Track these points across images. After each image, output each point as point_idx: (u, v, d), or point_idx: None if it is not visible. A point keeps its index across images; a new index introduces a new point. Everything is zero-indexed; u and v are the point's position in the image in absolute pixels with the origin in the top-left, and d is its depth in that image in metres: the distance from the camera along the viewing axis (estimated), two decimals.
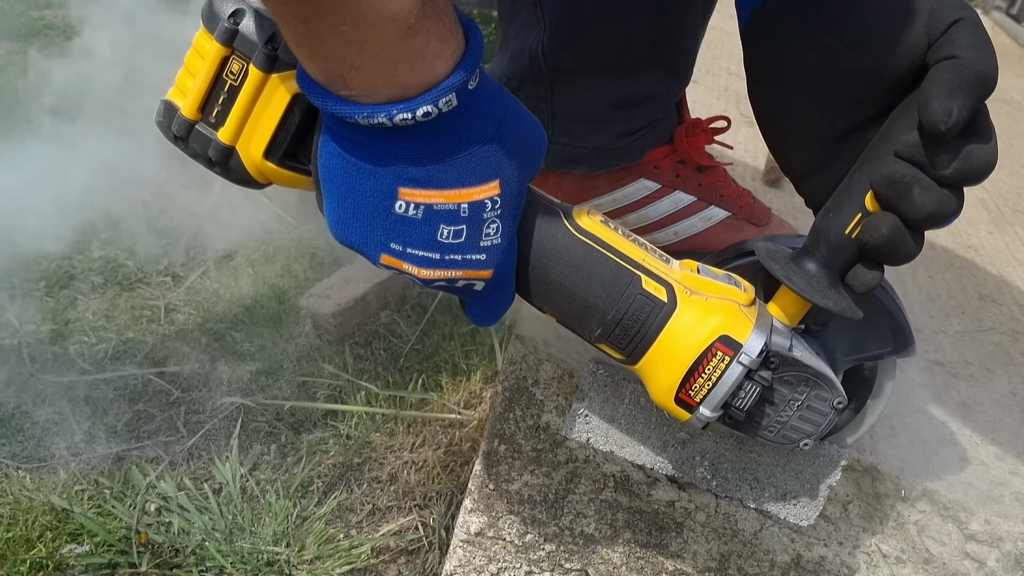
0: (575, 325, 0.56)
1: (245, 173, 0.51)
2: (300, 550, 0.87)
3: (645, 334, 0.54)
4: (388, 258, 0.49)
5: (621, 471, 0.74)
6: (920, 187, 0.48)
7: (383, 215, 0.48)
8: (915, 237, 0.50)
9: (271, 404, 1.06)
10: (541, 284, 0.54)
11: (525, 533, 0.78)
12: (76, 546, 0.83)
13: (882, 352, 0.60)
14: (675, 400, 0.54)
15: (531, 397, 0.74)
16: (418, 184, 0.47)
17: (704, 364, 0.53)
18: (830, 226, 0.53)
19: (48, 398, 1.01)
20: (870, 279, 0.52)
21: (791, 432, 0.56)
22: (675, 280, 0.54)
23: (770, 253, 0.55)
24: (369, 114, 0.44)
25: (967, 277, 1.10)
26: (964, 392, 0.83)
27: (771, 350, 0.53)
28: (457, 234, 0.49)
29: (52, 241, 1.27)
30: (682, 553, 0.75)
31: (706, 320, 0.53)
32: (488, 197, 0.49)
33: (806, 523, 0.65)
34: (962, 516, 0.68)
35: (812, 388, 0.55)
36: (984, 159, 0.48)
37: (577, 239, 0.54)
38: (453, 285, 0.51)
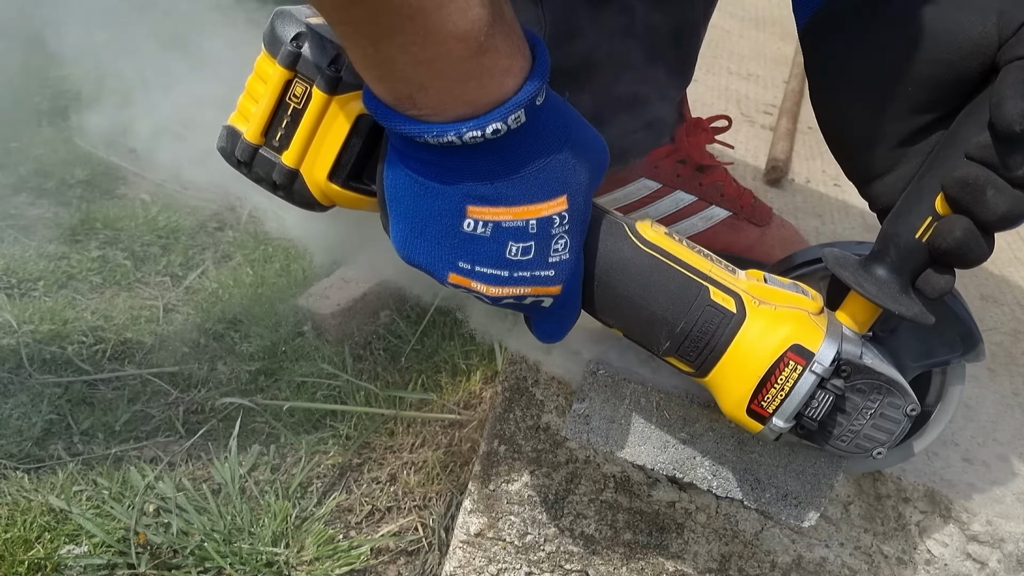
0: (643, 339, 0.55)
1: (309, 196, 0.51)
2: (299, 551, 0.87)
3: (715, 346, 0.53)
4: (456, 277, 0.49)
5: (621, 472, 0.74)
6: (994, 189, 0.47)
7: (451, 234, 0.47)
8: (988, 239, 0.49)
9: (270, 404, 1.06)
10: (607, 298, 0.54)
11: (525, 534, 0.78)
12: (74, 547, 0.83)
13: (951, 356, 0.59)
14: (747, 412, 0.53)
15: (531, 397, 0.74)
16: (487, 202, 0.47)
17: (776, 374, 0.52)
18: (900, 231, 0.52)
19: (46, 398, 1.01)
20: (943, 284, 0.51)
21: (864, 441, 0.55)
22: (743, 290, 0.54)
23: (838, 260, 0.54)
24: (439, 133, 0.43)
25: (968, 277, 1.10)
26: (966, 392, 0.83)
27: (843, 358, 0.52)
28: (526, 251, 0.48)
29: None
30: (683, 554, 0.75)
31: (776, 330, 0.52)
32: (556, 213, 0.48)
33: (807, 524, 0.65)
34: (964, 517, 0.68)
35: (885, 396, 0.54)
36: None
37: (643, 251, 0.54)
38: (521, 302, 0.51)
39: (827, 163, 1.40)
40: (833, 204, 1.24)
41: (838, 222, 1.17)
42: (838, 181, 1.33)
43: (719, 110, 1.27)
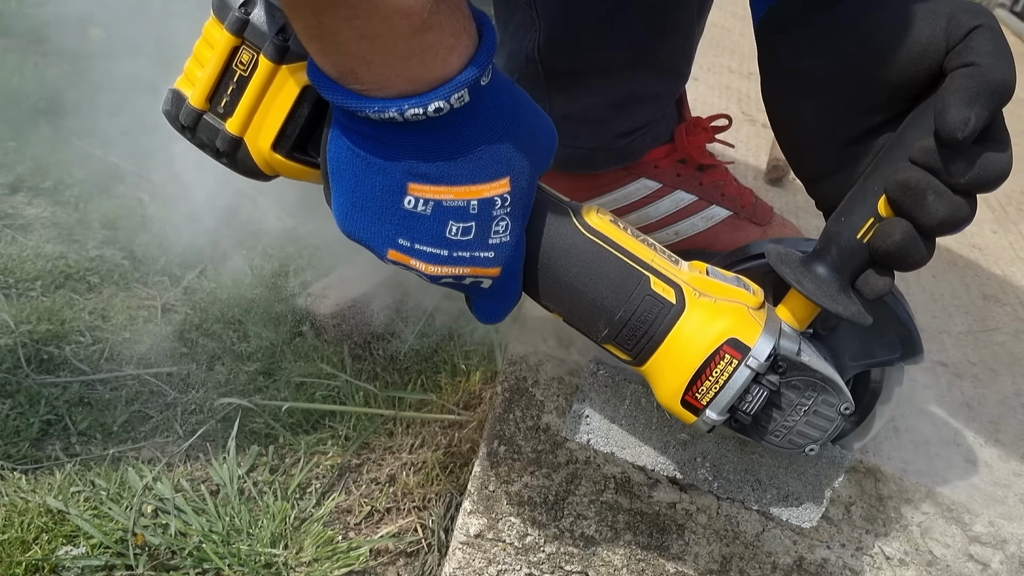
0: (582, 325, 0.56)
1: (252, 165, 0.51)
2: (298, 552, 0.87)
3: (653, 335, 0.54)
4: (396, 254, 0.49)
5: (622, 472, 0.74)
6: (935, 194, 0.48)
7: (392, 210, 0.48)
8: (927, 244, 0.50)
9: (269, 405, 1.06)
10: (549, 283, 0.54)
11: (525, 535, 0.78)
12: (72, 548, 0.83)
13: (890, 359, 0.60)
14: (681, 403, 0.54)
15: (531, 398, 0.74)
16: (428, 180, 0.47)
17: (712, 367, 0.52)
18: (842, 230, 0.52)
19: (44, 399, 1.01)
20: (881, 285, 0.52)
21: (797, 437, 0.56)
22: (684, 281, 0.54)
23: (780, 256, 0.55)
24: (380, 109, 0.44)
25: (971, 277, 1.10)
26: (968, 392, 0.83)
27: (779, 354, 0.53)
28: (466, 231, 0.49)
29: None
30: (683, 555, 0.75)
31: (714, 322, 0.53)
32: (498, 194, 0.49)
33: (808, 525, 0.65)
34: (966, 518, 0.68)
35: (820, 393, 0.55)
36: (999, 167, 0.48)
37: (586, 238, 0.54)
38: (460, 282, 0.51)
39: None
40: None
41: None
42: None
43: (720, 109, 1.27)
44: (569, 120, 0.82)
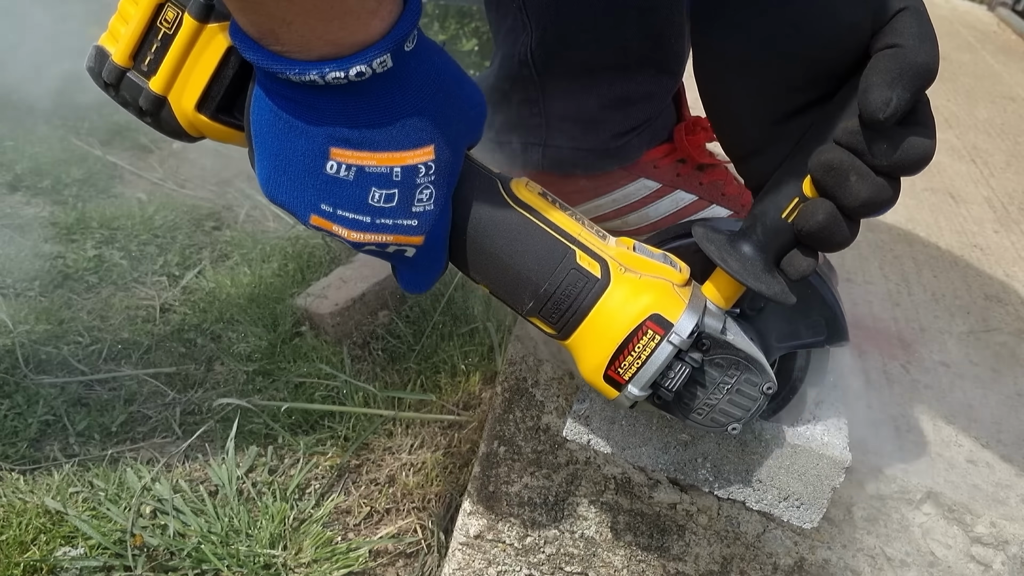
0: (508, 298, 0.56)
1: (176, 125, 0.51)
2: (297, 553, 0.87)
3: (577, 309, 0.54)
4: (318, 219, 0.49)
5: (622, 473, 0.74)
6: (857, 175, 0.48)
7: (314, 175, 0.48)
8: (851, 224, 0.50)
9: (268, 405, 1.06)
10: (474, 254, 0.54)
11: (525, 536, 0.78)
12: (70, 549, 0.83)
13: (816, 341, 0.60)
14: (604, 377, 0.54)
15: (531, 398, 0.74)
16: (350, 145, 0.47)
17: (634, 342, 0.53)
18: (767, 210, 0.53)
19: (42, 399, 1.01)
20: (804, 266, 0.52)
21: (720, 416, 0.57)
22: (610, 257, 0.55)
23: (707, 234, 0.55)
24: (300, 71, 0.44)
25: (972, 277, 1.10)
26: (969, 393, 0.83)
27: (703, 332, 0.54)
28: (389, 198, 0.49)
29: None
30: (684, 556, 0.75)
31: (638, 298, 0.53)
32: (422, 162, 0.48)
33: (809, 526, 0.65)
34: (967, 519, 0.68)
35: (743, 372, 0.55)
36: (922, 149, 0.48)
37: (513, 210, 0.54)
38: (384, 250, 0.51)
39: None
40: None
41: None
42: None
43: None
44: (564, 122, 0.82)
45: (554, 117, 0.83)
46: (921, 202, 1.33)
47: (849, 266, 1.04)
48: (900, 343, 0.89)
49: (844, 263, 1.04)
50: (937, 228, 1.24)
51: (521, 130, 0.84)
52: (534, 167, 0.85)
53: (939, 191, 1.39)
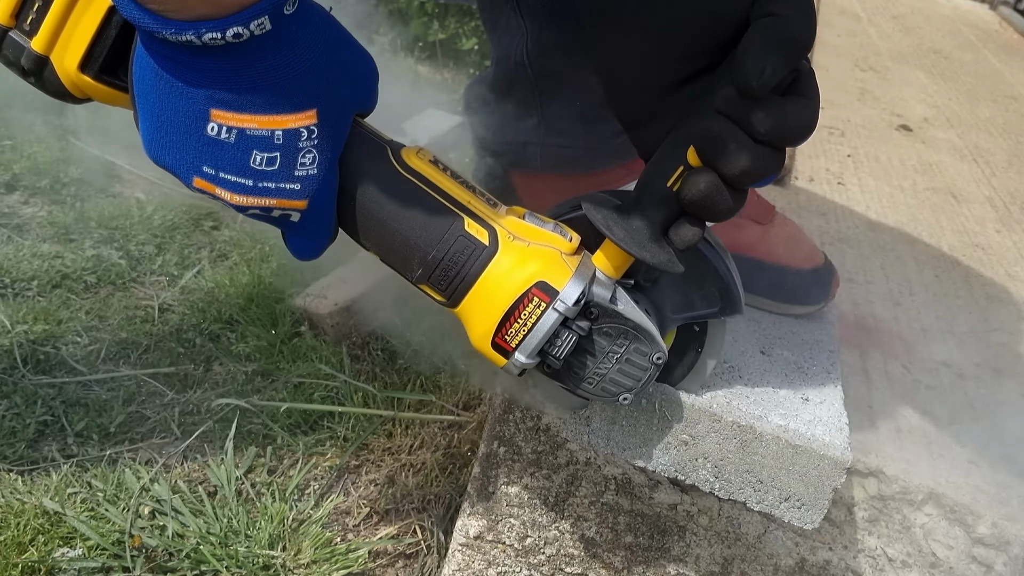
0: (397, 264, 0.56)
1: (60, 85, 0.51)
2: (296, 554, 0.87)
3: (465, 276, 0.54)
4: (201, 181, 0.49)
5: (622, 473, 0.74)
6: (736, 144, 0.48)
7: (195, 136, 0.48)
8: (734, 194, 0.50)
9: (267, 406, 1.06)
10: (363, 220, 0.55)
11: (525, 536, 0.78)
12: (68, 550, 0.83)
13: (711, 312, 0.61)
14: (492, 345, 0.55)
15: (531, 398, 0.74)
16: (230, 107, 0.47)
17: (520, 309, 0.53)
18: (652, 179, 0.53)
19: (40, 399, 1.01)
20: (690, 235, 0.53)
21: (610, 385, 0.57)
22: (499, 224, 0.55)
23: (595, 203, 0.56)
24: (177, 31, 0.43)
25: (974, 277, 1.10)
26: (971, 393, 0.83)
27: (590, 300, 0.54)
28: (271, 161, 0.49)
29: None
30: (684, 557, 0.75)
31: (525, 266, 0.53)
32: (304, 126, 0.49)
33: (810, 526, 0.65)
34: (969, 519, 0.68)
35: (632, 342, 0.55)
36: (802, 119, 0.48)
37: (401, 176, 0.54)
38: (268, 215, 0.52)
39: (831, 161, 1.40)
40: (836, 203, 1.24)
41: (841, 221, 1.17)
42: (842, 180, 1.33)
43: None
44: (562, 121, 0.82)
45: (552, 116, 0.83)
46: (923, 202, 1.33)
47: (851, 266, 1.04)
48: (902, 343, 0.89)
49: (846, 263, 1.04)
50: (939, 228, 1.24)
51: (518, 131, 0.84)
52: (533, 167, 0.85)
53: (941, 191, 1.39)
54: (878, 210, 1.25)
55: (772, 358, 0.73)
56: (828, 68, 1.95)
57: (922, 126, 1.72)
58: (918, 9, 3.02)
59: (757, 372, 0.70)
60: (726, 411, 0.63)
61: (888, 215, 1.23)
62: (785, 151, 0.50)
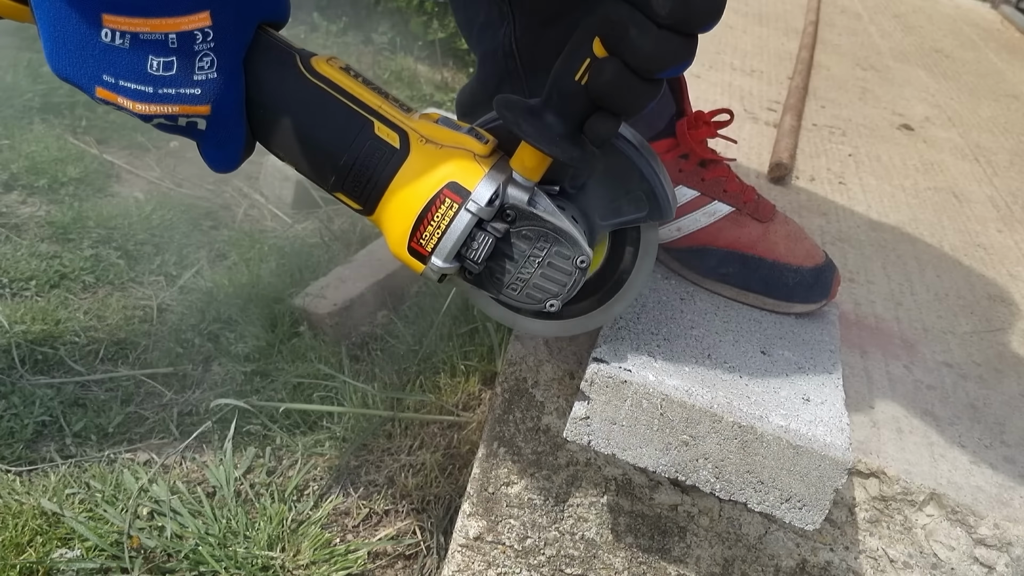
0: (311, 173, 0.56)
1: None
2: (295, 555, 0.87)
3: (377, 181, 0.54)
4: (103, 91, 0.50)
5: (623, 474, 0.74)
6: (637, 28, 0.47)
7: (91, 44, 0.48)
8: (643, 83, 0.49)
9: (266, 406, 1.06)
10: (273, 129, 0.55)
11: (525, 537, 0.78)
12: (67, 551, 0.83)
13: (638, 216, 0.59)
14: (408, 250, 0.54)
15: (531, 399, 0.74)
16: (121, 11, 0.47)
17: (432, 211, 0.53)
18: (562, 74, 0.52)
19: (38, 399, 1.01)
20: (604, 129, 0.51)
21: (535, 291, 0.57)
22: (411, 128, 0.55)
23: (506, 102, 0.54)
24: None
25: (976, 276, 1.10)
26: (973, 393, 0.83)
27: (505, 202, 0.53)
28: (167, 66, 0.49)
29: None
30: (685, 558, 0.75)
31: (437, 168, 0.53)
32: (198, 28, 0.49)
33: (811, 527, 0.65)
34: (971, 520, 0.68)
35: (552, 244, 0.55)
36: (705, 2, 0.47)
37: (310, 83, 0.54)
38: (175, 123, 0.52)
39: (832, 161, 1.40)
40: (837, 202, 1.24)
41: (842, 220, 1.17)
42: (843, 179, 1.33)
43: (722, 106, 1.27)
44: None
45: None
46: (924, 201, 1.33)
47: (852, 265, 1.04)
48: (903, 343, 0.89)
49: (847, 263, 1.04)
50: (940, 227, 1.24)
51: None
52: None
53: (942, 190, 1.39)
54: (879, 209, 1.25)
55: (773, 358, 0.73)
56: (829, 67, 1.95)
57: (924, 125, 1.72)
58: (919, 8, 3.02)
59: (758, 372, 0.70)
60: (727, 411, 0.63)
61: (889, 215, 1.23)
62: (694, 38, 0.48)
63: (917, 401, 0.80)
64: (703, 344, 0.71)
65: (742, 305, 0.79)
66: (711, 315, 0.76)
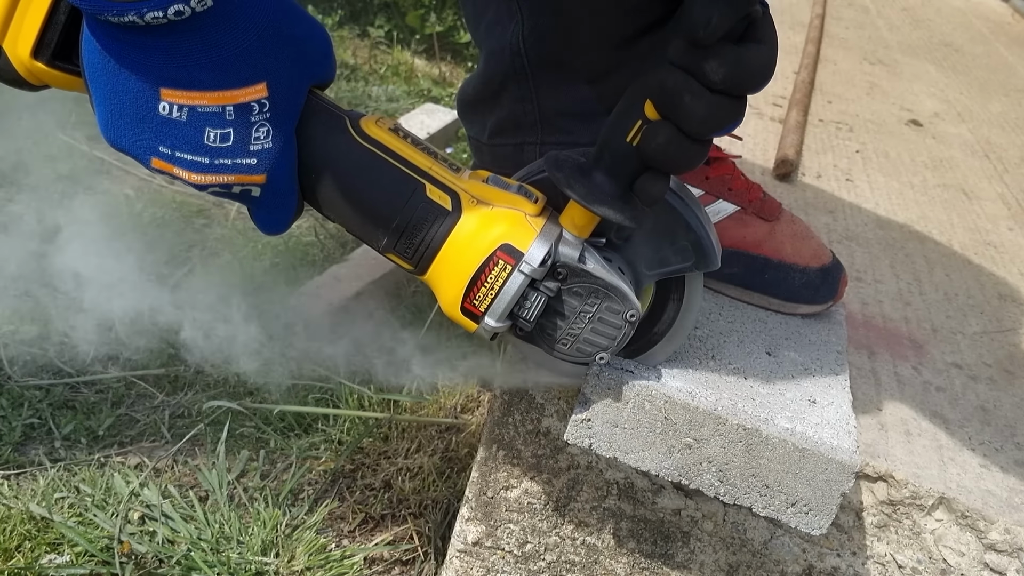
0: (363, 235, 0.57)
1: (15, 73, 0.52)
2: (290, 560, 0.87)
3: (430, 243, 0.56)
4: (159, 162, 0.50)
5: (625, 478, 0.74)
6: (691, 94, 0.49)
7: (148, 117, 0.49)
8: (695, 145, 0.51)
9: (259, 408, 1.06)
10: (326, 192, 0.56)
11: (525, 543, 0.78)
12: (56, 556, 0.83)
13: (684, 266, 0.61)
14: (461, 310, 0.56)
15: (531, 401, 0.74)
16: (179, 85, 0.48)
17: (486, 273, 0.55)
18: (613, 135, 0.54)
19: (27, 401, 1.01)
20: (655, 189, 0.53)
21: (585, 345, 0.58)
22: (462, 189, 0.56)
23: (556, 161, 0.56)
24: (119, 12, 0.44)
25: (986, 275, 1.10)
26: (983, 395, 0.83)
27: (557, 260, 0.55)
28: (224, 137, 0.50)
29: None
30: (689, 564, 0.75)
31: (489, 229, 0.55)
32: (254, 100, 0.50)
33: (818, 532, 0.65)
34: (981, 525, 0.68)
35: (603, 300, 0.56)
36: (757, 65, 0.49)
37: (360, 146, 0.55)
38: (229, 191, 0.53)
39: (839, 157, 1.40)
40: (844, 200, 1.24)
41: (850, 218, 1.17)
42: (850, 176, 1.33)
43: None
44: (560, 117, 0.82)
45: (549, 113, 0.82)
46: (933, 199, 1.33)
47: (859, 264, 1.04)
48: (911, 344, 0.89)
49: (854, 262, 1.04)
50: (950, 225, 1.24)
51: (515, 130, 0.84)
52: None
53: (952, 187, 1.39)
54: (887, 207, 1.25)
55: (778, 359, 0.73)
56: (836, 62, 1.95)
57: (933, 121, 1.73)
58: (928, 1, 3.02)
59: (763, 373, 0.70)
60: (731, 414, 0.63)
61: (898, 212, 1.24)
62: (745, 99, 0.51)
63: (926, 403, 0.80)
64: (707, 345, 0.71)
65: (747, 305, 0.79)
66: (715, 315, 0.76)
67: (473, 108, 0.86)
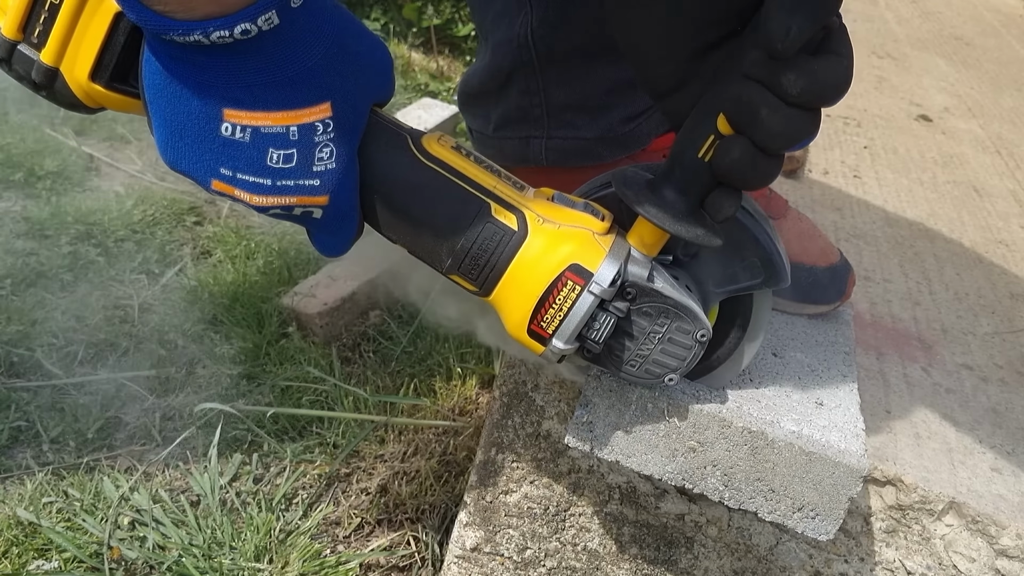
0: (426, 256, 0.57)
1: (72, 97, 0.52)
2: (283, 567, 0.87)
3: (496, 264, 0.55)
4: (220, 184, 0.50)
5: (627, 482, 0.74)
6: (768, 108, 0.49)
7: (210, 138, 0.49)
8: (770, 160, 0.50)
9: (252, 410, 1.06)
10: (387, 213, 0.56)
11: (524, 548, 0.78)
12: (44, 562, 0.83)
13: (753, 283, 0.61)
14: (528, 332, 0.55)
15: (531, 403, 0.74)
16: (243, 105, 0.48)
17: (555, 294, 0.54)
18: (683, 150, 0.53)
19: (14, 404, 1.01)
20: (728, 206, 0.53)
21: (654, 367, 0.58)
22: (528, 208, 0.56)
23: (625, 179, 0.56)
24: (184, 31, 0.44)
25: (997, 275, 1.10)
26: (994, 397, 0.83)
27: (626, 280, 0.54)
28: (287, 158, 0.50)
29: None
30: (693, 570, 0.75)
31: (557, 249, 0.54)
32: (319, 120, 0.49)
33: (825, 537, 0.65)
34: (992, 530, 0.68)
35: (673, 320, 0.56)
36: (835, 78, 0.48)
37: (423, 165, 0.55)
38: (290, 213, 0.52)
39: (846, 154, 1.40)
40: (852, 197, 1.24)
41: (857, 215, 1.17)
42: (858, 173, 1.33)
43: None
44: (566, 111, 0.82)
45: (555, 106, 0.82)
46: (943, 196, 1.33)
47: (868, 263, 1.04)
48: (921, 344, 0.89)
49: (862, 260, 1.04)
50: (960, 223, 1.24)
51: (521, 123, 0.84)
52: (537, 162, 0.85)
53: (962, 184, 1.39)
54: (896, 204, 1.25)
55: (785, 360, 0.73)
56: None
57: (943, 116, 1.73)
58: None
59: (769, 375, 0.70)
60: (736, 416, 0.63)
61: (907, 210, 1.24)
62: (820, 112, 0.50)
63: (936, 405, 0.80)
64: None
65: None
66: None
67: (477, 100, 0.86)
